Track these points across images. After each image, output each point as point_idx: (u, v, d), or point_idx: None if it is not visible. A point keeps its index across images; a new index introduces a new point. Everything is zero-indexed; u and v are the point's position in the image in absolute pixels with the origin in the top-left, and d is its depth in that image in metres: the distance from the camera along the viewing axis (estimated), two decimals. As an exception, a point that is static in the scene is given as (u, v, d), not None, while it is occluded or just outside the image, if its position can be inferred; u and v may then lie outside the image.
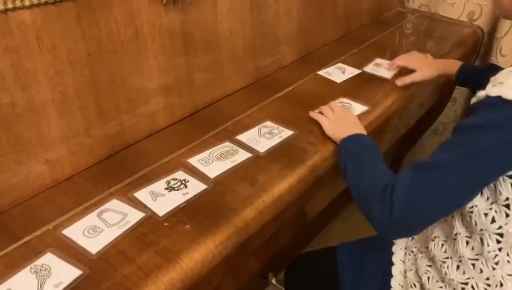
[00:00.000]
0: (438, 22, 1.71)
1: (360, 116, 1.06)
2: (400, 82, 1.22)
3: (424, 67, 1.21)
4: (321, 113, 1.05)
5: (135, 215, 0.78)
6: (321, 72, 1.29)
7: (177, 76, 1.02)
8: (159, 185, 0.85)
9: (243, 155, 0.94)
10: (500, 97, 0.66)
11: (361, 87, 1.22)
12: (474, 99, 0.73)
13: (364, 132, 0.95)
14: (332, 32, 1.49)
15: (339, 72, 1.30)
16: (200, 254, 0.73)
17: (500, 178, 0.70)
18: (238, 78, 1.18)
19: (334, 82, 1.25)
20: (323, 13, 1.42)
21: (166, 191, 0.84)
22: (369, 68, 1.31)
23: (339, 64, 1.34)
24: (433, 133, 1.93)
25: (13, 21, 0.73)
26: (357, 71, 1.31)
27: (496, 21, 1.62)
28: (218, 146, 0.97)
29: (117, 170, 0.91)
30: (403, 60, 1.26)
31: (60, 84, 0.82)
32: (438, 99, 1.73)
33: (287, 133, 1.02)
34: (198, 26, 1.04)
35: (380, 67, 1.31)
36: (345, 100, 1.14)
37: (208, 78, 1.10)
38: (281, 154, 0.96)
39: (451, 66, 1.21)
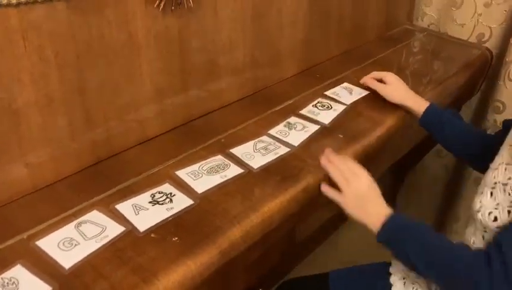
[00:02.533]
0: (446, 42, 1.67)
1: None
2: (364, 80, 1.24)
3: (393, 87, 1.18)
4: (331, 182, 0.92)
5: (115, 229, 0.74)
6: (328, 93, 1.23)
7: (171, 84, 0.99)
8: (143, 198, 0.81)
9: (234, 170, 0.90)
10: None
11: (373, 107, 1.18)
12: None
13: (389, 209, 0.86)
14: (336, 47, 1.45)
15: (346, 93, 1.24)
16: (178, 275, 0.69)
17: None
18: (235, 89, 1.15)
19: (344, 103, 1.19)
20: (328, 27, 1.38)
21: (150, 204, 0.80)
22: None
23: (345, 84, 1.28)
24: (436, 155, 1.88)
25: (-3, 19, 0.70)
26: (364, 92, 1.25)
27: (506, 44, 1.58)
28: (209, 159, 0.93)
29: (101, 179, 0.87)
30: (377, 74, 1.23)
31: (45, 87, 0.78)
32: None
33: (284, 149, 0.98)
34: (197, 33, 1.00)
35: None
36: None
37: (204, 88, 1.06)
38: (275, 171, 0.91)
39: (420, 104, 1.13)
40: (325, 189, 0.91)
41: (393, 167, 1.95)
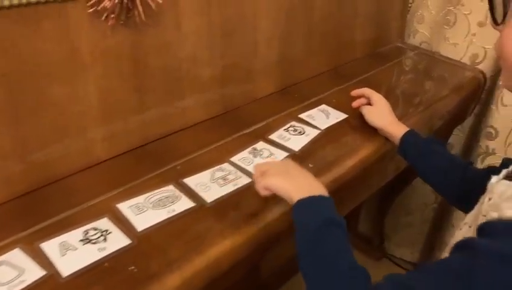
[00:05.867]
0: (438, 62, 1.58)
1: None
2: (354, 93, 1.15)
3: (376, 110, 1.09)
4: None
5: (34, 273, 0.65)
6: (303, 116, 1.14)
7: (123, 104, 0.90)
8: (74, 236, 0.72)
9: (184, 204, 0.81)
10: None
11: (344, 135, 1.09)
12: (486, 218, 0.59)
13: (324, 190, 0.74)
14: (319, 65, 1.36)
15: (323, 116, 1.15)
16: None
17: None
18: (201, 109, 1.06)
19: (318, 128, 1.10)
20: (309, 44, 1.29)
21: (81, 243, 0.71)
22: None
23: (323, 107, 1.19)
24: (425, 179, 1.79)
25: None
26: (343, 115, 1.16)
27: (501, 67, 1.49)
28: (159, 190, 0.84)
29: (33, 210, 0.77)
30: (368, 91, 1.13)
31: (-36, 108, 0.69)
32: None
33: (245, 180, 0.89)
34: (155, 49, 0.92)
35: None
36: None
37: (163, 107, 0.98)
38: (231, 206, 0.83)
39: (400, 131, 1.03)
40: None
41: (382, 189, 1.86)
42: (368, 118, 1.09)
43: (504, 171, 0.70)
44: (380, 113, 1.09)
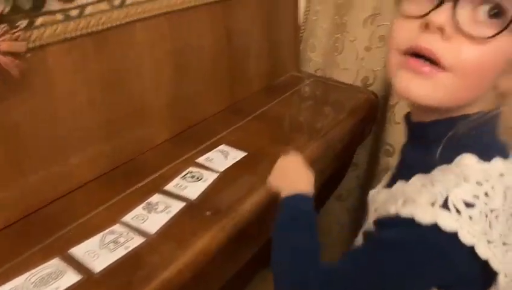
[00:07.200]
0: (333, 88, 1.63)
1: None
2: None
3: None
4: None
5: None
6: (200, 160, 1.11)
7: (-4, 175, 0.84)
8: None
9: (69, 278, 0.76)
10: (412, 219, 0.59)
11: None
12: (383, 213, 0.69)
13: (311, 187, 0.86)
14: (214, 104, 1.36)
15: (221, 157, 1.13)
16: None
17: None
18: (89, 167, 1.00)
19: (216, 171, 1.07)
20: (202, 84, 1.28)
21: None
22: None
23: (222, 147, 1.17)
24: (337, 199, 1.83)
25: None
26: (241, 154, 1.14)
27: (390, 87, 1.56)
28: (42, 266, 0.78)
29: None
30: None
31: None
32: (339, 165, 1.64)
33: (138, 240, 0.85)
34: (26, 115, 0.86)
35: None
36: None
37: (45, 173, 0.92)
38: (122, 272, 0.78)
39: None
40: None
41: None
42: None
43: (381, 183, 0.85)
44: None
